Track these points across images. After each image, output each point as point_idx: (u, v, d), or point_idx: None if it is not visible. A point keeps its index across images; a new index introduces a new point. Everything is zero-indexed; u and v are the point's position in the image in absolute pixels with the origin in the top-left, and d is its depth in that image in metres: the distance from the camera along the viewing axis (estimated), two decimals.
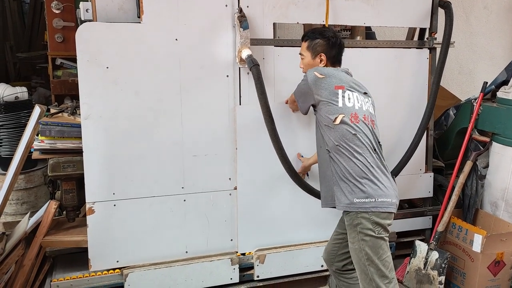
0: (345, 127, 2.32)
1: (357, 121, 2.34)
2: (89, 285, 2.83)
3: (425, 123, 3.29)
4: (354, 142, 2.30)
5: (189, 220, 3.01)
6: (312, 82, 2.43)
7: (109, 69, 2.75)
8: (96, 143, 2.77)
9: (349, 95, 2.38)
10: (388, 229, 2.33)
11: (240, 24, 2.84)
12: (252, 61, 2.74)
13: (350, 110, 2.35)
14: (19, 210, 3.61)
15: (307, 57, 2.59)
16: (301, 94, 2.57)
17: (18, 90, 3.65)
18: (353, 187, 2.28)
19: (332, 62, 2.57)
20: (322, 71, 2.45)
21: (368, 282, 2.30)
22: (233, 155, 3.05)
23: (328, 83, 2.41)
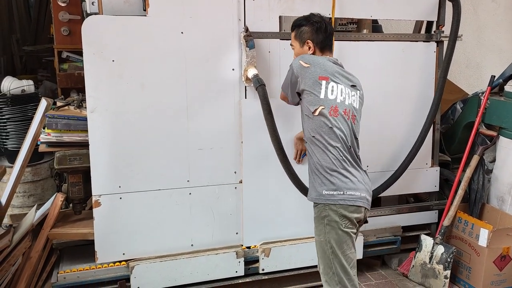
0: (323, 119, 2.27)
1: (336, 114, 2.28)
2: (96, 277, 2.86)
3: (431, 117, 3.27)
4: (329, 135, 2.26)
5: (195, 213, 3.02)
6: (297, 70, 2.37)
7: (115, 62, 2.75)
8: (102, 136, 2.78)
9: (333, 87, 2.31)
10: (356, 224, 2.28)
11: (246, 44, 2.86)
12: (258, 81, 2.76)
13: (331, 103, 2.29)
14: (26, 203, 3.63)
15: (296, 46, 2.54)
16: (288, 85, 2.48)
17: (25, 83, 3.66)
18: (324, 180, 2.26)
19: (320, 48, 2.48)
20: (307, 59, 2.38)
21: (331, 277, 2.25)
22: (239, 148, 3.05)
23: (313, 72, 2.33)
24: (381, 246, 3.47)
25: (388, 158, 3.41)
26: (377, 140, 3.33)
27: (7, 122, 3.57)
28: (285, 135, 2.96)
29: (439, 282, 3.22)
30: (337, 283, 2.23)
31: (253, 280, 3.14)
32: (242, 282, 3.11)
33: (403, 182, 3.38)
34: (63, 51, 3.88)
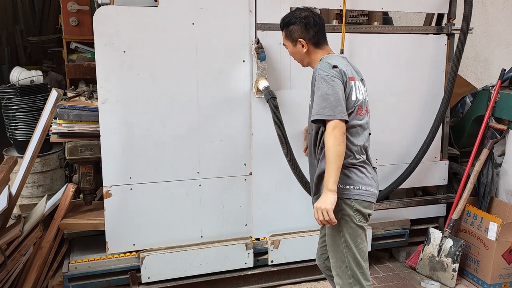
0: (351, 119, 2.21)
1: (361, 113, 2.25)
2: (106, 267, 2.87)
3: (443, 110, 3.27)
4: (353, 134, 2.22)
5: (204, 205, 3.03)
6: (339, 76, 2.16)
7: (126, 53, 2.75)
8: (113, 127, 2.78)
9: (358, 85, 2.28)
10: (367, 218, 2.27)
11: (258, 56, 2.85)
12: (269, 93, 2.75)
13: (359, 102, 2.25)
14: (35, 193, 3.64)
15: (290, 46, 2.38)
16: (340, 100, 2.13)
17: (33, 74, 3.66)
18: (340, 174, 2.18)
19: (314, 44, 2.32)
20: (332, 61, 2.22)
21: (343, 270, 2.24)
22: (249, 140, 3.05)
23: (344, 75, 2.23)
24: (389, 239, 3.48)
25: (397, 152, 3.40)
26: (386, 133, 3.33)
27: (16, 113, 3.57)
28: (293, 128, 2.96)
29: (447, 275, 3.23)
30: (349, 276, 2.23)
31: (262, 271, 3.15)
32: (251, 273, 3.13)
33: (412, 176, 3.38)
34: (72, 42, 3.87)
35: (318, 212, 2.11)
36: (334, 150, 2.10)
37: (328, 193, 2.10)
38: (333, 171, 2.09)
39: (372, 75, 3.11)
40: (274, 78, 3.03)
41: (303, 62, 2.41)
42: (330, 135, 2.10)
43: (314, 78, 2.20)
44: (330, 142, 2.10)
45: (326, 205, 2.08)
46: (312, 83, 2.23)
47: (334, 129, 2.10)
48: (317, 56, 2.33)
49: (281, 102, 3.04)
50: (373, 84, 3.09)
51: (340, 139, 2.10)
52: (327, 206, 2.08)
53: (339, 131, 2.10)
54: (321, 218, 2.11)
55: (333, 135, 2.10)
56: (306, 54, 2.34)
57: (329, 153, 2.10)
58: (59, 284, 2.91)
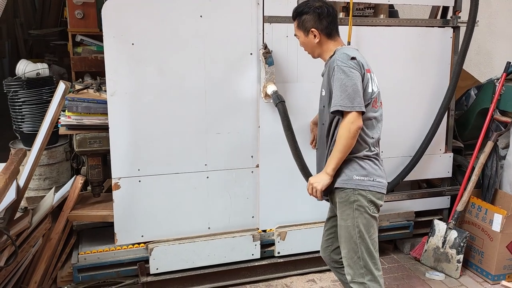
0: (367, 111, 2.23)
1: (376, 105, 2.28)
2: (115, 258, 2.90)
3: (446, 103, 3.29)
4: (368, 126, 2.25)
5: (212, 197, 3.05)
6: (357, 67, 2.17)
7: (134, 45, 2.76)
8: (122, 119, 2.80)
9: (373, 78, 2.30)
10: (379, 210, 2.31)
11: (265, 61, 2.87)
12: (278, 97, 2.78)
13: (375, 95, 2.27)
14: (41, 186, 3.65)
15: (301, 36, 2.37)
16: (357, 91, 2.14)
17: (39, 67, 3.66)
18: (354, 164, 2.24)
19: (327, 34, 2.31)
20: (350, 52, 2.24)
21: (355, 261, 2.26)
22: (256, 133, 3.07)
23: (362, 66, 2.25)
24: (394, 230, 3.51)
25: (403, 144, 3.43)
26: (392, 126, 3.33)
27: (23, 105, 3.58)
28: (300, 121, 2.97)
29: (452, 266, 3.26)
30: (361, 267, 2.25)
31: (269, 263, 3.18)
32: (258, 264, 3.16)
33: (417, 168, 3.40)
34: (77, 35, 3.87)
35: (310, 186, 2.30)
36: (345, 142, 2.14)
37: (325, 175, 2.24)
38: (337, 160, 2.20)
39: (378, 67, 3.08)
40: (281, 71, 3.04)
41: (314, 53, 2.41)
42: (346, 128, 2.14)
43: (332, 69, 2.20)
44: (344, 134, 2.14)
45: (318, 185, 2.25)
46: (329, 73, 2.23)
47: (352, 123, 2.13)
48: (328, 47, 2.33)
49: (287, 95, 3.07)
50: (379, 77, 3.07)
51: (354, 133, 2.14)
52: (318, 186, 2.25)
53: (355, 125, 2.14)
54: (310, 191, 2.31)
55: (348, 128, 2.13)
56: (318, 45, 2.34)
57: (340, 142, 2.16)
58: (68, 275, 2.93)
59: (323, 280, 3.23)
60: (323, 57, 2.37)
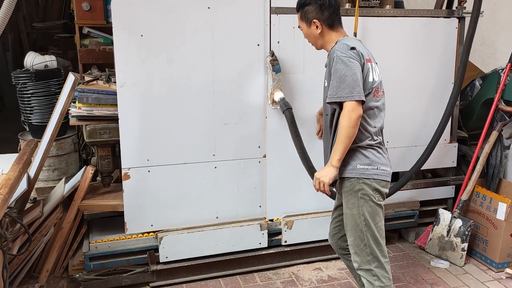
0: (369, 104, 2.26)
1: (378, 94, 2.30)
2: (125, 247, 2.94)
3: (456, 93, 3.31)
4: (371, 117, 2.28)
5: (220, 186, 3.09)
6: (357, 57, 2.20)
7: (144, 37, 2.79)
8: (131, 110, 2.83)
9: (374, 67, 2.33)
10: (385, 198, 2.34)
11: (273, 68, 2.91)
12: (285, 104, 2.83)
13: (376, 84, 2.30)
14: (50, 176, 3.70)
15: (304, 27, 2.40)
16: (357, 80, 2.16)
17: (47, 59, 3.69)
18: (357, 154, 2.27)
19: (328, 25, 2.33)
20: (350, 42, 2.26)
21: (362, 248, 2.30)
22: (263, 123, 3.11)
23: (361, 56, 2.27)
24: (399, 220, 3.55)
25: (408, 134, 3.46)
26: (397, 116, 3.37)
27: (31, 97, 3.61)
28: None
29: (456, 254, 3.31)
30: (368, 254, 2.30)
31: (276, 251, 3.23)
32: (266, 253, 3.21)
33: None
34: (84, 27, 3.89)
35: (316, 181, 2.29)
36: (346, 132, 2.17)
37: (330, 168, 2.24)
38: (341, 150, 2.20)
39: (383, 58, 3.12)
40: (287, 62, 3.07)
41: (316, 44, 2.43)
42: (346, 117, 2.16)
43: (331, 60, 2.23)
44: (345, 123, 2.16)
45: (324, 179, 2.25)
46: (329, 64, 2.26)
47: (351, 112, 2.15)
48: (331, 38, 2.35)
49: (294, 86, 3.10)
50: (384, 67, 3.12)
51: (355, 122, 2.16)
52: (325, 180, 2.24)
53: (356, 114, 2.16)
54: (317, 187, 2.30)
55: (348, 116, 2.16)
56: (320, 36, 2.37)
57: (341, 132, 2.18)
58: (79, 263, 2.98)
59: (330, 268, 3.28)
60: (326, 48, 2.40)
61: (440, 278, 3.17)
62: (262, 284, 3.08)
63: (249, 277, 3.15)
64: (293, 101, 3.09)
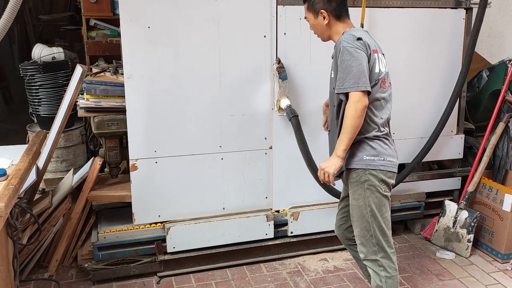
0: (375, 95, 2.26)
1: (384, 86, 2.30)
2: (133, 237, 2.98)
3: (460, 84, 3.30)
4: (377, 108, 2.28)
5: (226, 178, 3.11)
6: (363, 48, 2.19)
7: (150, 29, 2.80)
8: (139, 102, 2.85)
9: (381, 58, 2.32)
10: (391, 188, 2.35)
11: (279, 75, 2.93)
12: (291, 111, 2.88)
13: (382, 75, 2.29)
14: (59, 168, 3.74)
15: (311, 18, 2.38)
16: (363, 71, 2.16)
17: (55, 51, 3.71)
18: (364, 145, 2.27)
19: (336, 16, 2.32)
20: (356, 33, 2.26)
21: (368, 239, 2.31)
22: (269, 115, 3.12)
23: (368, 47, 2.27)
24: (405, 211, 3.56)
25: (415, 126, 3.46)
26: (404, 108, 3.36)
27: (39, 89, 3.64)
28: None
29: (462, 246, 3.32)
30: (374, 244, 2.31)
31: (282, 242, 3.25)
32: (272, 244, 3.23)
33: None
34: (91, 19, 3.91)
35: (321, 171, 2.28)
36: (351, 122, 2.17)
37: (336, 158, 2.24)
38: (346, 141, 2.20)
39: (390, 49, 3.11)
40: (294, 53, 3.07)
41: (323, 35, 2.42)
42: (352, 107, 2.16)
43: (338, 50, 2.23)
44: (350, 114, 2.17)
45: (329, 169, 2.25)
46: (336, 55, 2.26)
47: (357, 102, 2.15)
48: (338, 29, 2.35)
49: (300, 78, 3.11)
50: (392, 58, 3.11)
51: (361, 112, 2.17)
52: (330, 170, 2.24)
53: (361, 104, 2.16)
54: (322, 177, 2.30)
55: (354, 107, 2.16)
56: (327, 27, 2.36)
57: (347, 123, 2.18)
58: (88, 253, 3.02)
59: (335, 259, 3.30)
60: (333, 39, 2.39)
61: (445, 269, 3.18)
62: (268, 274, 3.11)
63: (256, 267, 3.18)
64: (300, 92, 3.11)
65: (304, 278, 3.06)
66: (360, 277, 3.06)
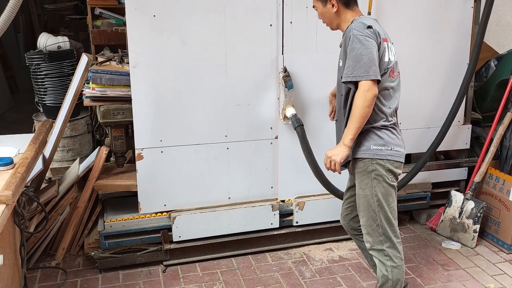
0: (384, 84, 2.24)
1: (393, 75, 2.28)
2: (140, 226, 2.99)
3: (469, 75, 3.27)
4: (385, 95, 2.26)
5: (232, 167, 3.11)
6: (373, 36, 2.17)
7: (156, 17, 2.78)
8: (144, 91, 2.85)
9: (390, 47, 2.31)
10: (398, 178, 2.34)
11: (285, 84, 2.93)
12: (297, 120, 2.91)
13: (392, 64, 2.27)
14: (65, 157, 3.75)
15: (319, 6, 2.34)
16: (373, 59, 2.14)
17: (60, 40, 3.70)
18: (371, 134, 2.26)
19: (345, 3, 2.28)
20: (366, 21, 2.24)
21: (374, 229, 2.31)
22: (275, 105, 3.10)
23: (378, 35, 2.25)
24: (411, 201, 3.56)
25: (422, 116, 3.44)
26: (410, 98, 3.33)
27: (45, 78, 3.64)
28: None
29: (468, 236, 3.31)
30: (380, 234, 2.31)
31: (287, 232, 3.26)
32: (277, 233, 3.24)
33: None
34: (96, 8, 3.89)
35: (327, 160, 2.27)
36: (360, 111, 2.15)
37: (343, 147, 2.22)
38: (354, 130, 2.19)
39: (398, 38, 3.08)
40: (300, 42, 3.05)
41: (332, 23, 2.39)
42: (361, 96, 2.14)
43: (348, 38, 2.21)
44: (360, 103, 2.15)
45: (336, 158, 2.23)
46: (345, 43, 2.24)
47: (367, 91, 2.14)
48: (347, 17, 2.32)
49: (306, 67, 3.09)
50: (399, 47, 3.08)
51: (370, 101, 2.15)
52: (337, 158, 2.23)
53: (371, 93, 2.14)
54: (328, 165, 2.28)
55: (364, 96, 2.14)
56: (336, 15, 2.33)
57: (355, 111, 2.16)
58: (94, 242, 3.04)
59: (340, 249, 3.30)
60: (341, 27, 2.36)
61: (451, 259, 3.18)
62: (273, 263, 3.12)
63: (261, 256, 3.19)
64: (305, 82, 3.09)
65: (309, 268, 3.07)
66: (365, 267, 3.06)
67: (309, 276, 2.98)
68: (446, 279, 2.96)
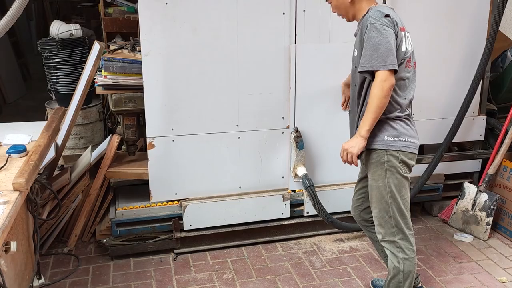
0: (400, 71, 2.19)
1: (409, 65, 2.24)
2: (151, 215, 3.01)
3: (483, 64, 3.21)
4: (401, 86, 2.22)
5: (243, 157, 3.10)
6: (391, 25, 2.12)
7: (168, 5, 2.76)
8: (156, 79, 2.84)
9: (408, 36, 2.25)
10: (411, 170, 2.30)
11: (297, 145, 3.04)
12: (308, 181, 3.04)
13: (409, 54, 2.23)
14: (77, 145, 3.78)
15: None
16: (391, 49, 2.10)
17: (73, 27, 3.71)
18: (385, 125, 2.23)
19: None
20: (384, 10, 2.19)
21: (387, 220, 2.29)
22: (287, 94, 3.08)
23: (395, 24, 2.20)
24: (423, 193, 3.52)
25: (436, 107, 3.39)
26: (424, 88, 3.28)
27: (58, 66, 3.65)
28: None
29: (481, 228, 3.28)
30: (392, 226, 2.29)
31: (298, 222, 3.26)
32: (287, 223, 3.23)
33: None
34: None
35: (344, 152, 2.24)
36: (377, 102, 2.12)
37: (359, 138, 2.19)
38: (371, 121, 2.16)
39: (413, 27, 3.04)
40: (313, 31, 3.02)
41: (348, 14, 2.35)
42: (378, 86, 2.11)
43: (364, 27, 2.16)
44: (377, 93, 2.12)
45: (353, 150, 2.20)
46: (361, 32, 2.20)
47: (384, 81, 2.10)
48: (362, 6, 2.27)
49: (319, 56, 3.05)
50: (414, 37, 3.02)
51: (387, 92, 2.12)
52: (353, 150, 2.20)
53: (388, 83, 2.11)
54: (344, 158, 2.25)
55: (381, 86, 2.11)
56: (351, 5, 2.28)
57: (372, 102, 2.13)
58: (106, 229, 3.06)
59: (351, 240, 3.29)
60: (357, 17, 2.31)
61: (463, 251, 3.16)
62: (283, 253, 3.12)
63: (271, 246, 3.20)
64: (318, 71, 3.05)
65: (319, 258, 3.07)
66: (376, 258, 3.05)
67: (319, 267, 2.98)
68: (458, 272, 2.94)
